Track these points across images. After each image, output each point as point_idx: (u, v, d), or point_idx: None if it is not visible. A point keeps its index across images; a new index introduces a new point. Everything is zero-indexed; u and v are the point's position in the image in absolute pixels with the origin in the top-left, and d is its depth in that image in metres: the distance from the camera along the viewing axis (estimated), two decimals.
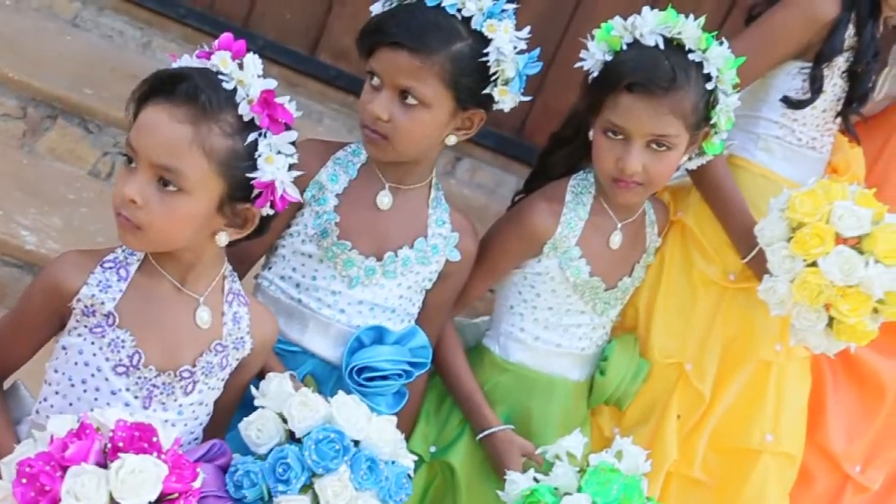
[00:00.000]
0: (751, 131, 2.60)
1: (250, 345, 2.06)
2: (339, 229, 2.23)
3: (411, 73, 2.12)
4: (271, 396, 2.04)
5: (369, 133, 2.18)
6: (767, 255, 2.36)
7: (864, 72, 2.53)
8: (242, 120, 1.86)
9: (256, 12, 3.80)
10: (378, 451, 2.01)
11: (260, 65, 1.89)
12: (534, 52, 2.18)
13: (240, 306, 2.05)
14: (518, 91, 2.20)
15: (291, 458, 1.95)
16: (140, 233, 1.88)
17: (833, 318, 2.32)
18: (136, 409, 1.96)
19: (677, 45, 2.27)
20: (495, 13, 2.15)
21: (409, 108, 2.14)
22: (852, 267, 2.26)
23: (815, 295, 2.29)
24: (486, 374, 2.48)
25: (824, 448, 2.82)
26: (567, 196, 2.43)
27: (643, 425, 2.60)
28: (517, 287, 2.46)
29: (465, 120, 2.22)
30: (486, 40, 2.14)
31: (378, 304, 2.28)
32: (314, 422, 1.99)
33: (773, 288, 2.35)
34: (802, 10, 2.49)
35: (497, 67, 2.15)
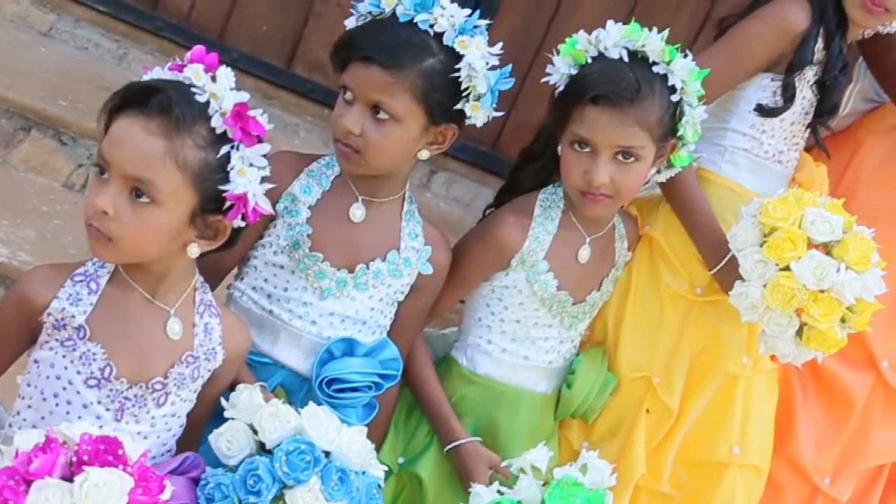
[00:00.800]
0: (718, 143, 2.62)
1: (222, 356, 2.07)
2: (312, 241, 2.24)
3: (383, 88, 2.14)
4: (241, 408, 2.05)
5: (341, 147, 2.20)
6: (739, 260, 2.37)
7: (832, 84, 2.56)
8: (215, 132, 1.87)
9: (232, 25, 3.81)
10: (348, 462, 2.02)
11: (232, 77, 1.91)
12: (506, 69, 2.20)
13: (211, 317, 2.05)
14: (490, 106, 2.22)
15: (262, 470, 1.96)
16: (111, 244, 1.89)
17: (804, 325, 2.35)
18: (108, 422, 1.96)
19: (641, 57, 2.29)
20: (467, 29, 2.17)
21: (380, 122, 2.16)
22: (825, 271, 2.28)
23: (787, 299, 2.31)
24: (453, 385, 2.49)
25: (794, 460, 2.84)
26: (536, 210, 2.44)
27: (612, 439, 2.61)
28: (485, 299, 2.47)
29: (437, 135, 2.24)
30: (458, 56, 2.16)
31: (349, 316, 2.29)
32: (285, 433, 1.99)
33: (745, 293, 2.37)
34: (774, 21, 2.52)
35: (469, 83, 2.17)
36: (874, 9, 2.49)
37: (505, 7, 3.78)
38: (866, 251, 2.30)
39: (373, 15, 2.19)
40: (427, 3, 2.15)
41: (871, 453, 2.92)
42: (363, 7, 2.21)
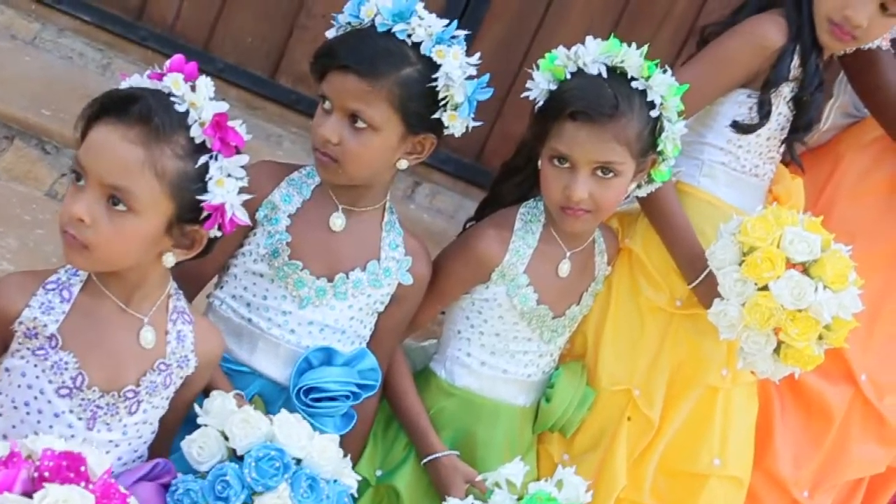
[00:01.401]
0: (696, 157, 2.63)
1: (195, 363, 2.07)
2: (291, 249, 2.25)
3: (360, 97, 2.15)
4: (214, 414, 2.05)
5: (320, 156, 2.21)
6: (718, 278, 2.38)
7: (808, 101, 2.57)
8: (194, 142, 1.87)
9: (217, 35, 3.81)
10: (319, 470, 2.02)
11: (212, 87, 1.91)
12: (483, 78, 2.22)
13: (184, 324, 2.05)
14: (468, 116, 2.23)
15: (231, 476, 1.96)
16: (87, 252, 1.88)
17: (781, 342, 2.36)
18: (79, 431, 1.96)
19: (620, 73, 2.30)
20: (445, 39, 2.19)
21: (358, 131, 2.17)
22: (802, 291, 2.29)
23: (765, 318, 2.32)
24: (432, 398, 2.49)
25: (772, 473, 2.85)
26: (516, 224, 2.45)
27: (592, 451, 2.62)
28: (465, 312, 2.48)
29: (415, 144, 2.25)
30: (436, 66, 2.17)
31: (328, 325, 2.30)
32: (255, 439, 2.00)
33: (723, 311, 2.38)
34: (751, 37, 2.54)
35: (446, 93, 2.18)
36: (842, 37, 2.51)
37: (490, 19, 3.79)
38: (843, 270, 2.31)
39: (352, 25, 2.21)
40: (405, 13, 2.17)
41: (849, 467, 2.93)
42: (343, 18, 2.22)
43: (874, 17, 2.47)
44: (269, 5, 3.77)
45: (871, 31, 2.51)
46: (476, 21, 3.77)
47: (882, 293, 2.89)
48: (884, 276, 2.88)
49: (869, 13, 2.46)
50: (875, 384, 2.90)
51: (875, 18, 2.48)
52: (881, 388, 2.91)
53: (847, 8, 2.47)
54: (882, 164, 2.93)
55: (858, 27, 2.48)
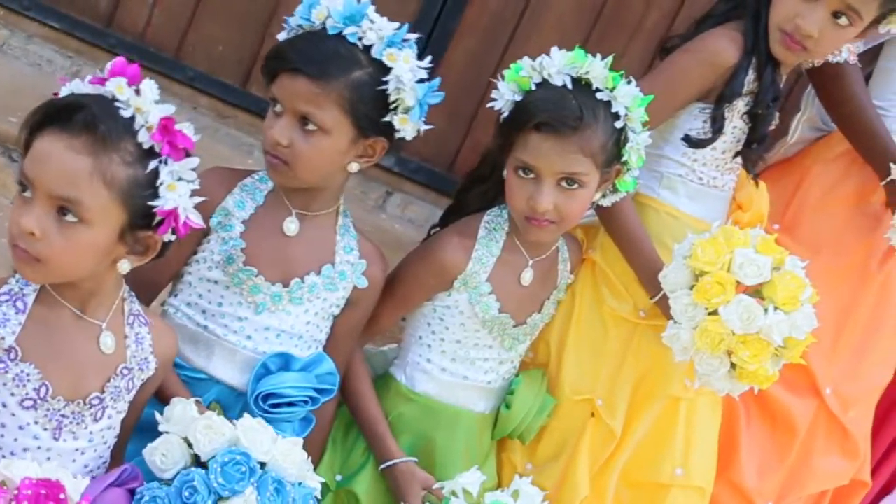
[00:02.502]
0: (654, 170, 2.63)
1: (155, 364, 2.06)
2: (246, 255, 2.25)
3: (310, 99, 2.15)
4: (175, 421, 2.05)
5: (271, 159, 2.21)
6: (671, 302, 2.39)
7: (763, 115, 2.57)
8: (142, 147, 1.85)
9: (188, 43, 3.79)
10: (284, 473, 2.02)
11: (157, 90, 1.88)
12: (434, 82, 2.23)
13: (141, 327, 2.04)
14: (419, 119, 2.23)
15: (197, 482, 1.96)
16: (39, 265, 1.85)
17: (734, 363, 2.36)
18: (45, 442, 1.94)
19: (585, 84, 2.30)
20: (396, 42, 2.19)
21: (308, 133, 2.18)
22: (752, 316, 2.29)
23: (716, 343, 2.33)
24: (391, 403, 2.50)
25: (737, 484, 2.86)
26: (480, 232, 2.45)
27: (555, 461, 2.62)
28: (426, 318, 2.48)
29: (367, 147, 2.25)
30: (387, 69, 2.18)
31: (285, 330, 2.30)
32: (220, 445, 2.00)
33: (676, 335, 2.39)
34: (703, 55, 2.54)
35: (397, 96, 2.19)
36: (793, 46, 2.51)
37: (461, 31, 3.79)
38: (795, 291, 2.31)
39: (303, 28, 2.22)
40: (356, 16, 2.17)
41: (813, 479, 2.95)
42: (294, 21, 2.23)
43: (825, 26, 2.48)
44: (241, 14, 3.76)
45: (824, 42, 2.51)
46: (448, 33, 3.77)
47: (847, 306, 2.91)
48: (849, 289, 2.90)
49: (819, 23, 2.47)
50: (840, 397, 2.91)
51: (826, 28, 2.48)
52: (846, 401, 2.92)
53: (797, 17, 2.48)
54: (848, 178, 2.95)
55: (809, 37, 2.48)
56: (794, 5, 2.48)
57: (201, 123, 3.77)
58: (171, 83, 3.79)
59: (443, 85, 3.76)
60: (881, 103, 2.91)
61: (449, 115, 3.86)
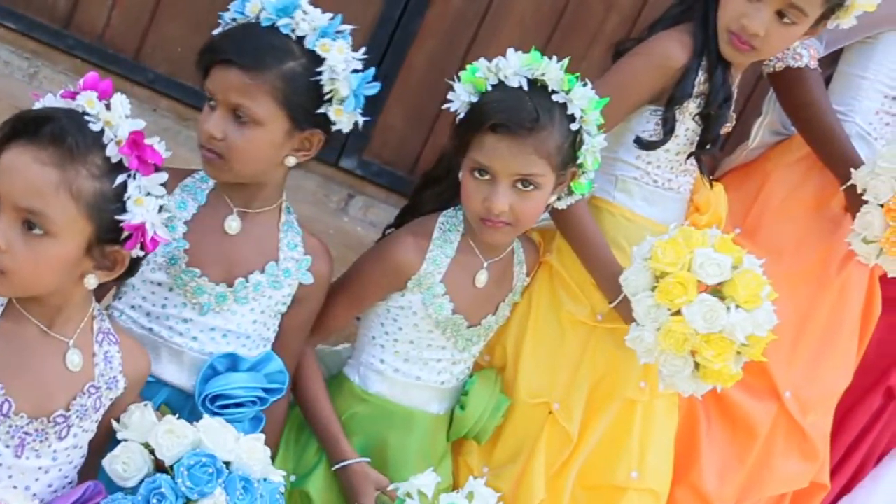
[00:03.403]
0: (609, 173, 2.63)
1: (124, 384, 2.03)
2: (188, 256, 2.24)
3: (243, 91, 2.14)
4: (134, 428, 2.03)
5: (206, 153, 2.21)
6: (633, 304, 2.39)
7: (715, 116, 2.57)
8: (110, 161, 1.84)
9: (148, 45, 3.75)
10: (250, 471, 2.02)
11: (128, 105, 1.88)
12: (369, 72, 2.22)
13: (111, 345, 2.02)
14: (354, 110, 2.22)
15: (165, 488, 1.94)
16: (4, 278, 1.83)
17: (698, 363, 2.36)
18: (7, 459, 1.92)
19: (541, 86, 2.30)
20: (329, 33, 2.19)
21: (242, 126, 2.17)
22: (715, 315, 2.30)
23: (680, 343, 2.33)
24: (344, 403, 2.49)
25: (697, 488, 2.87)
26: (435, 232, 2.45)
27: (512, 464, 2.62)
28: (380, 318, 2.47)
29: (303, 141, 2.24)
30: (320, 60, 2.17)
31: (231, 330, 2.29)
32: (183, 448, 1.99)
33: (640, 337, 2.39)
34: (652, 58, 2.55)
35: (331, 86, 2.18)
36: (741, 46, 2.52)
37: (423, 33, 3.77)
38: (755, 288, 2.32)
39: (237, 22, 2.21)
40: (289, 7, 2.17)
41: (772, 482, 2.96)
42: (228, 15, 2.22)
43: (771, 25, 2.48)
44: (201, 15, 3.72)
45: (771, 41, 2.51)
46: (409, 35, 3.76)
47: (807, 310, 2.92)
48: (808, 292, 2.92)
49: (765, 22, 2.47)
50: (799, 401, 2.93)
51: (773, 27, 2.49)
52: (805, 404, 2.94)
53: (743, 17, 2.48)
54: (808, 182, 2.96)
55: (755, 36, 2.49)
56: (739, 6, 2.49)
57: (162, 126, 3.74)
58: (131, 85, 3.75)
59: (404, 87, 3.82)
60: (841, 108, 2.93)
61: (411, 118, 3.85)
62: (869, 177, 2.70)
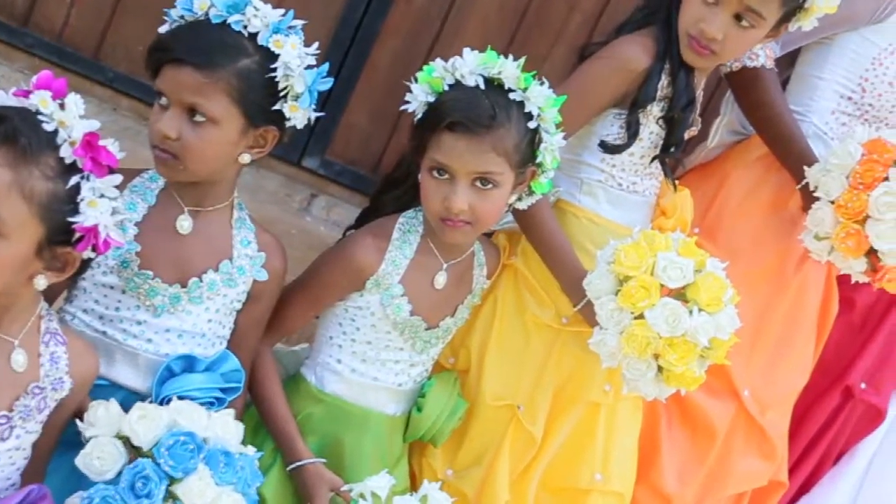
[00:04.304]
0: (574, 176, 2.64)
1: (70, 385, 2.01)
2: (140, 259, 2.21)
3: (197, 90, 2.12)
4: (101, 424, 2.03)
5: (159, 153, 2.17)
6: (596, 308, 2.39)
7: (678, 119, 2.58)
8: (64, 162, 1.82)
9: (107, 44, 3.73)
10: (228, 444, 2.03)
11: (82, 105, 1.85)
12: (323, 67, 2.21)
13: (57, 346, 1.99)
14: (309, 107, 2.21)
15: (149, 471, 1.95)
16: None
17: (661, 367, 2.37)
18: None
19: (498, 84, 2.30)
20: (281, 29, 2.17)
21: (197, 125, 2.14)
22: (678, 318, 2.31)
23: (643, 347, 2.33)
24: (301, 403, 2.48)
25: (658, 488, 2.88)
26: (394, 233, 2.44)
27: (476, 466, 2.62)
28: (338, 319, 2.46)
29: (257, 138, 2.22)
30: (274, 56, 2.16)
31: (186, 330, 2.27)
32: (160, 430, 2.00)
33: (603, 340, 2.39)
34: (615, 61, 2.55)
35: (285, 83, 2.17)
36: (700, 51, 2.52)
37: (386, 32, 3.78)
38: (718, 292, 2.33)
39: (185, 19, 2.19)
40: (239, 4, 2.15)
41: (732, 480, 2.98)
42: (175, 12, 2.20)
43: (729, 29, 2.49)
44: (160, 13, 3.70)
45: (730, 45, 2.52)
46: (372, 34, 3.76)
47: (764, 309, 2.94)
48: (766, 292, 2.93)
49: (723, 25, 2.48)
50: (757, 399, 2.94)
51: (731, 31, 2.49)
52: (763, 403, 2.95)
53: (701, 21, 2.49)
54: (766, 182, 2.98)
55: (713, 40, 2.49)
56: (697, 10, 2.49)
57: (122, 125, 3.72)
58: (91, 84, 3.73)
59: (367, 86, 3.82)
60: (798, 108, 2.95)
61: (373, 117, 3.86)
62: (821, 174, 2.72)
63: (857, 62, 2.91)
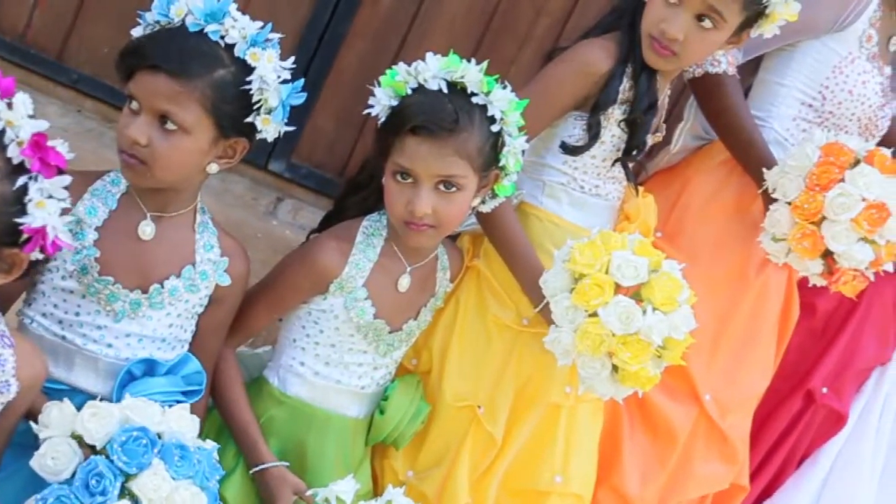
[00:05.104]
0: (537, 178, 2.65)
1: (16, 388, 1.98)
2: (100, 265, 2.19)
3: (171, 98, 2.11)
4: (55, 424, 2.01)
5: (127, 158, 2.15)
6: (552, 306, 2.40)
7: (640, 122, 2.59)
8: (11, 163, 1.80)
9: (72, 46, 3.70)
10: (183, 438, 2.01)
11: (30, 105, 1.82)
12: (298, 83, 2.20)
13: (4, 348, 1.97)
14: (281, 121, 2.20)
15: (103, 467, 1.94)
16: None
17: (617, 365, 2.37)
18: None
19: (461, 88, 2.30)
20: (259, 42, 2.16)
21: (168, 133, 2.13)
22: (631, 316, 2.31)
23: (596, 345, 2.34)
24: (263, 405, 2.47)
25: (619, 490, 2.89)
26: (358, 237, 2.44)
27: (437, 468, 2.62)
28: (301, 321, 2.46)
29: (227, 148, 2.22)
30: (250, 69, 2.15)
31: (147, 335, 2.25)
32: (112, 427, 1.98)
33: (557, 338, 2.40)
34: (576, 64, 2.57)
35: (260, 96, 2.16)
36: (661, 51, 2.53)
37: (352, 35, 3.77)
38: (673, 291, 2.33)
39: (161, 24, 2.17)
40: (217, 13, 2.14)
41: (693, 484, 2.99)
42: (150, 16, 2.18)
43: (690, 30, 2.50)
44: (126, 15, 3.61)
45: (691, 46, 2.53)
46: (339, 37, 3.75)
47: (726, 313, 2.95)
48: (727, 296, 2.95)
49: (683, 26, 2.49)
50: (718, 403, 2.96)
51: (691, 32, 2.50)
52: (724, 407, 2.97)
53: (662, 22, 2.50)
54: (728, 186, 3.00)
55: (674, 40, 2.51)
56: (659, 11, 2.51)
57: (86, 127, 3.69)
58: (55, 86, 3.70)
59: (334, 90, 3.81)
60: (759, 114, 2.98)
61: (340, 120, 3.85)
62: (778, 176, 2.75)
63: (818, 70, 2.94)
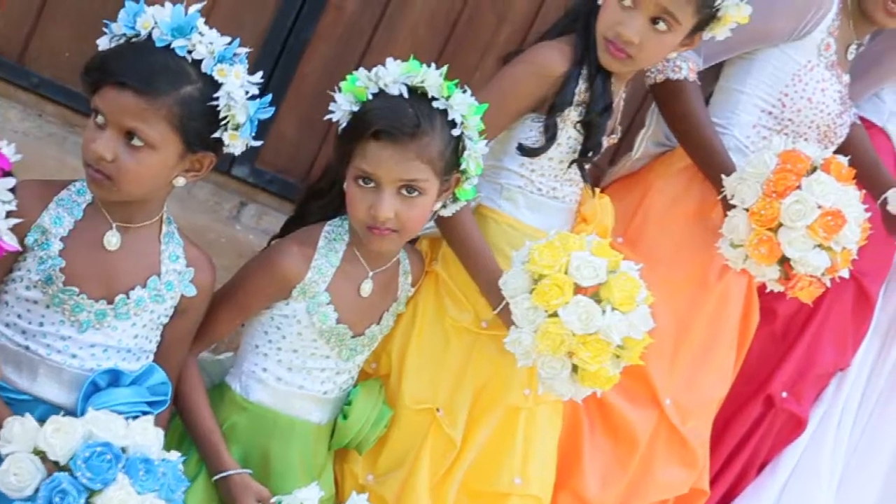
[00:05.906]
0: (495, 181, 2.66)
1: None
2: (65, 275, 2.18)
3: (137, 115, 2.10)
4: (17, 440, 2.00)
5: (93, 173, 2.15)
6: (511, 307, 2.41)
7: (596, 123, 2.61)
8: None
9: (33, 49, 3.67)
10: (148, 451, 2.01)
11: None
12: (265, 98, 2.19)
13: None
14: (249, 136, 2.20)
15: (66, 484, 1.93)
16: None
17: (576, 365, 2.38)
18: None
19: (421, 93, 2.32)
20: (227, 57, 2.15)
21: (134, 149, 2.12)
22: (590, 316, 2.33)
23: (557, 344, 2.35)
24: (225, 412, 2.46)
25: (579, 494, 2.90)
26: (320, 242, 2.44)
27: (396, 471, 2.62)
28: (263, 327, 2.46)
29: (194, 162, 2.21)
30: (217, 84, 2.14)
31: (112, 346, 2.24)
32: (76, 442, 1.97)
33: (518, 339, 2.41)
34: (531, 66, 2.59)
35: (227, 112, 2.15)
36: (617, 54, 2.56)
37: (316, 40, 3.76)
38: (631, 291, 2.36)
39: (127, 37, 2.16)
40: (185, 28, 2.12)
41: (654, 488, 3.00)
42: (116, 28, 2.16)
43: (645, 32, 2.53)
44: (88, 19, 3.65)
45: (646, 49, 2.55)
46: (302, 42, 3.75)
47: (686, 318, 2.97)
48: (688, 301, 2.97)
49: (639, 29, 2.52)
50: (679, 408, 2.97)
51: (647, 34, 2.53)
52: (685, 411, 2.99)
53: (618, 24, 2.53)
54: (689, 192, 3.02)
55: (630, 43, 2.53)
56: (614, 14, 2.53)
57: (47, 131, 3.66)
58: (15, 90, 3.66)
59: (297, 94, 3.80)
60: (720, 121, 3.01)
61: (304, 125, 3.84)
62: (737, 182, 2.77)
63: (777, 78, 2.97)
